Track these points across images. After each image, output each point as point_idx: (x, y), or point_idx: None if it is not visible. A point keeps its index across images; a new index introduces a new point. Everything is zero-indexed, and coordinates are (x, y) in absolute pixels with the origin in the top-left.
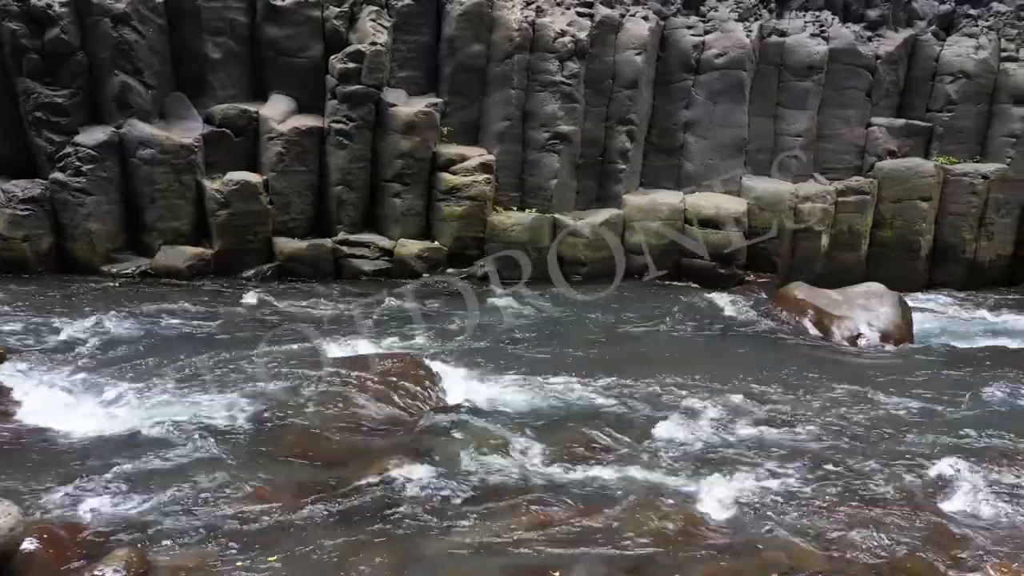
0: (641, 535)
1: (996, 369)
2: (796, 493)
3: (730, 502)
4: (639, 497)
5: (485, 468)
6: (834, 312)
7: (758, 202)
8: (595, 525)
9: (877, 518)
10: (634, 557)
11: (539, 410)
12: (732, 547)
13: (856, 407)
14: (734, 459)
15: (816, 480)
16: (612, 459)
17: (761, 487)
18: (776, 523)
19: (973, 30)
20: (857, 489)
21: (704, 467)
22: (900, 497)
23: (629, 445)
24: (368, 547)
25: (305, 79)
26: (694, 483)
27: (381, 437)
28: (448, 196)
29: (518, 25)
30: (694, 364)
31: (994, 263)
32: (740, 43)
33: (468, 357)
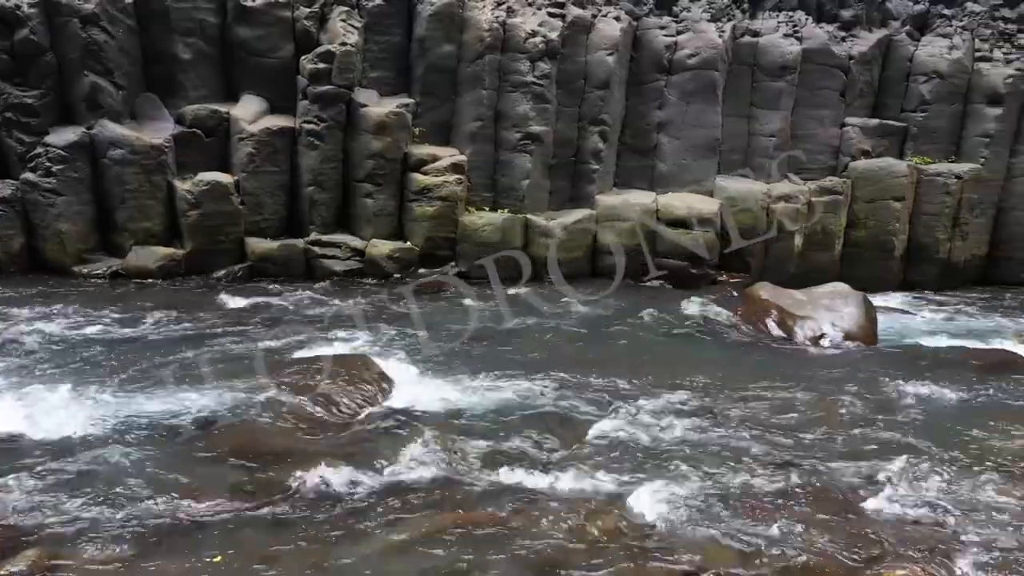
0: (560, 536)
1: (954, 370)
2: (725, 493)
3: (656, 502)
4: (565, 497)
5: (418, 469)
6: (797, 312)
7: (731, 202)
8: (516, 526)
9: (802, 518)
10: (548, 558)
11: (485, 411)
12: (648, 547)
13: (804, 407)
14: (669, 459)
15: (748, 480)
16: (547, 460)
17: (691, 487)
18: (698, 523)
19: (947, 30)
20: (787, 489)
21: (637, 467)
22: (829, 497)
23: (567, 446)
24: (290, 547)
25: (276, 80)
26: (624, 483)
27: (319, 438)
28: (420, 196)
29: (488, 25)
30: (649, 365)
31: (969, 263)
32: (712, 43)
33: (426, 358)
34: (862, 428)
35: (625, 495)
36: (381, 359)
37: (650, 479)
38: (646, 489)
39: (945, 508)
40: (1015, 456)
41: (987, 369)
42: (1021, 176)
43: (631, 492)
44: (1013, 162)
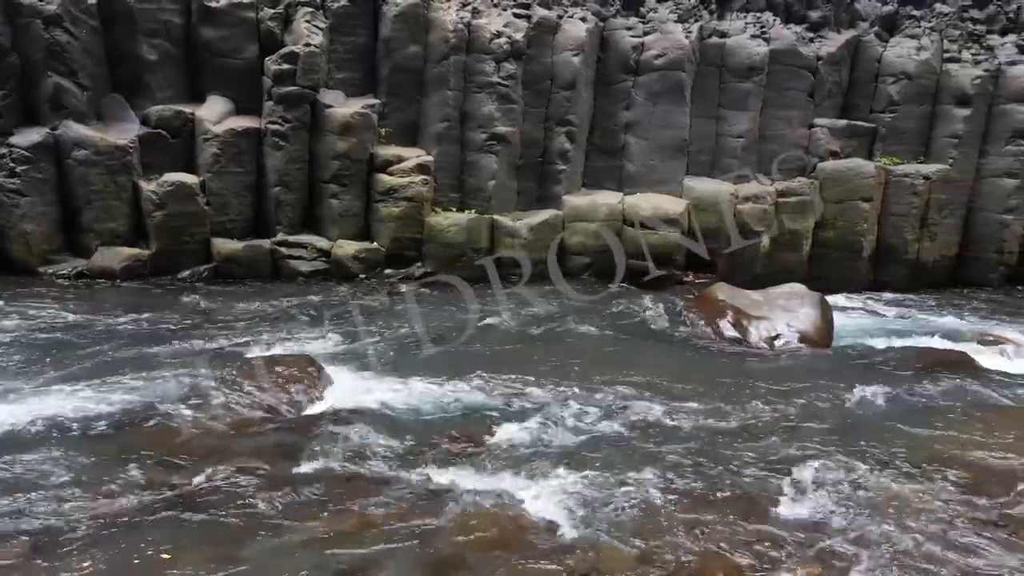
0: (460, 534)
1: (898, 371)
2: (637, 494)
3: (561, 502)
4: (472, 496)
5: (332, 467)
6: (753, 313)
7: (698, 203)
8: (419, 524)
9: (707, 521)
10: (444, 557)
11: (419, 411)
12: (544, 547)
13: (740, 408)
14: (584, 459)
15: (663, 481)
16: (467, 460)
17: (600, 487)
18: (601, 524)
19: (916, 31)
20: (700, 491)
21: (551, 467)
22: (739, 500)
23: (492, 446)
24: (189, 546)
25: (242, 80)
26: (534, 483)
27: (243, 437)
28: (385, 197)
29: (453, 26)
30: (593, 365)
31: (938, 264)
32: (679, 44)
33: (373, 359)
34: (789, 430)
35: (533, 494)
36: (327, 359)
37: (561, 479)
38: (555, 489)
39: (852, 511)
40: (932, 458)
41: (932, 370)
42: (990, 177)
43: (540, 491)
44: (982, 163)
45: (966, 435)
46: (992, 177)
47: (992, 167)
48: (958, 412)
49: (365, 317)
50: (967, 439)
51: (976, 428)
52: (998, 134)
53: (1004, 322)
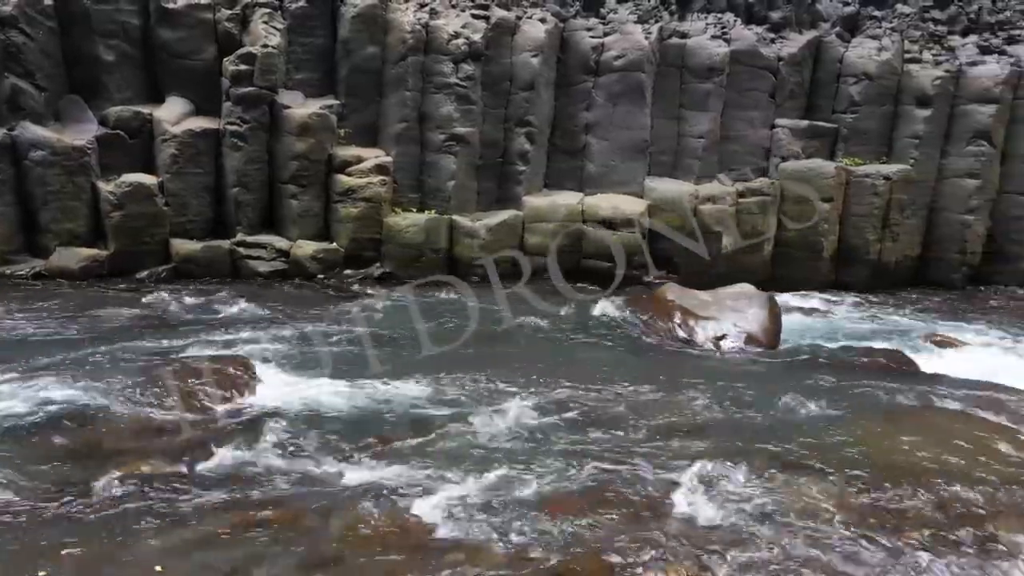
0: (346, 534)
1: (836, 372)
2: (531, 494)
3: (450, 501)
4: (366, 496)
5: (239, 468)
6: (701, 314)
7: (659, 203)
8: (306, 524)
9: (594, 520)
10: (322, 556)
11: (347, 412)
12: (420, 546)
13: (665, 408)
14: (496, 459)
15: (562, 480)
16: (369, 459)
17: (495, 486)
18: (481, 523)
19: (877, 32)
20: (595, 490)
21: (460, 466)
22: (633, 499)
23: (405, 446)
24: (75, 546)
25: (200, 81)
26: (439, 482)
27: (156, 437)
28: (344, 197)
29: (411, 27)
30: (536, 366)
31: (900, 264)
32: (638, 45)
33: (313, 359)
34: (706, 430)
35: (429, 494)
36: (264, 360)
37: (461, 478)
38: (452, 488)
39: (744, 511)
40: (839, 459)
41: (868, 371)
42: (952, 177)
43: (438, 491)
44: (944, 163)
45: (881, 436)
46: (954, 177)
47: (954, 167)
48: (880, 413)
49: (314, 317)
50: (881, 440)
51: (893, 429)
52: (959, 134)
53: (959, 322)
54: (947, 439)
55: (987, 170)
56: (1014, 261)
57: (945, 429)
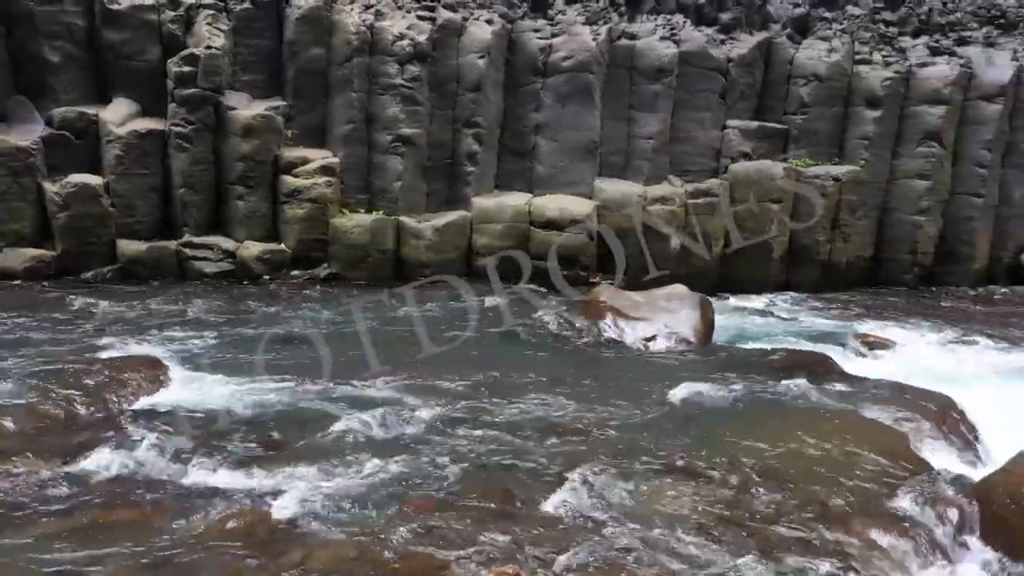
0: (191, 534)
1: (754, 372)
2: (397, 492)
3: (317, 501)
4: (233, 497)
5: (111, 468)
6: (632, 315)
7: (607, 204)
8: (157, 524)
9: (449, 519)
10: (163, 557)
11: (245, 413)
12: (267, 545)
13: (567, 409)
14: (374, 458)
15: (433, 480)
16: (254, 460)
17: (368, 486)
18: (336, 522)
19: (827, 33)
20: (464, 490)
21: (332, 465)
22: (503, 499)
23: (288, 447)
24: None
25: (147, 82)
26: (306, 482)
27: (40, 436)
28: (290, 198)
29: (355, 29)
30: (451, 366)
31: (852, 264)
32: (586, 46)
33: (230, 360)
34: (599, 430)
35: (292, 494)
36: (179, 360)
37: (326, 479)
38: (315, 488)
39: (605, 512)
40: (721, 461)
41: (786, 371)
42: (903, 178)
43: (300, 491)
44: (895, 164)
45: (768, 436)
46: (904, 178)
47: (904, 168)
48: (776, 414)
49: (248, 318)
50: (766, 440)
51: (782, 430)
52: (910, 136)
53: (901, 323)
54: (831, 440)
55: (937, 171)
56: (966, 262)
57: (833, 430)
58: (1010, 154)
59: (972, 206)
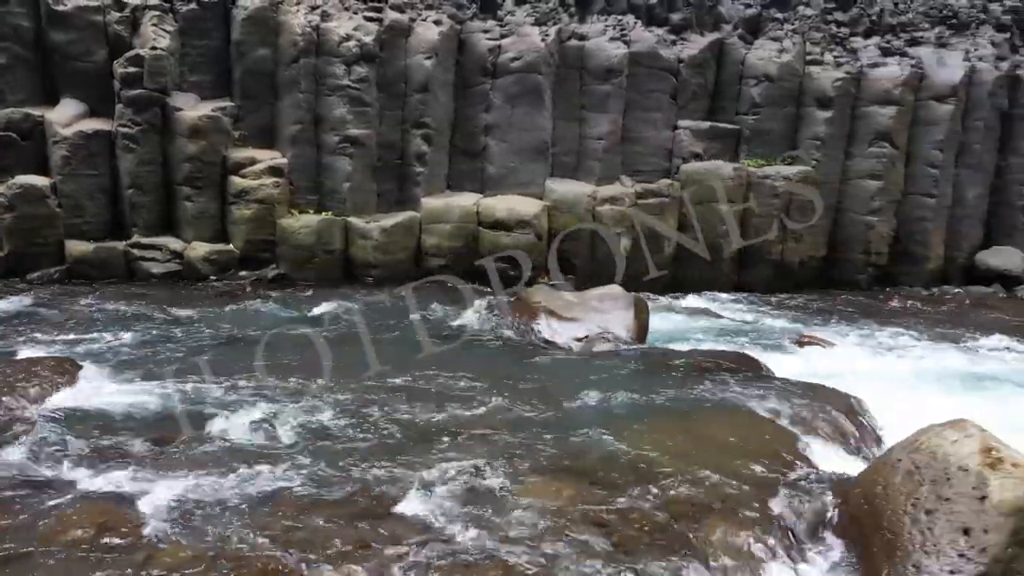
0: (39, 533)
1: (677, 373)
2: (264, 493)
3: (182, 503)
4: (88, 497)
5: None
6: (565, 315)
7: (557, 204)
8: (22, 524)
9: (307, 521)
10: (12, 556)
11: (147, 414)
12: (113, 545)
13: (468, 409)
14: (254, 459)
15: (311, 482)
16: (128, 461)
17: (237, 487)
18: (197, 524)
19: (778, 34)
20: (332, 492)
21: (209, 466)
22: (360, 499)
23: (175, 448)
24: None
25: (94, 83)
26: (176, 481)
27: None
28: (238, 199)
29: (301, 30)
30: (367, 367)
31: (806, 264)
32: (535, 47)
33: (152, 360)
34: (492, 430)
35: (159, 494)
36: (96, 360)
37: (196, 479)
38: (184, 488)
39: (465, 513)
40: (601, 461)
41: (706, 372)
42: (855, 178)
43: (167, 491)
44: (848, 164)
45: (663, 437)
46: (856, 179)
47: (856, 168)
48: (681, 414)
49: (182, 319)
50: (660, 441)
51: (681, 430)
52: (861, 136)
53: (843, 323)
54: (721, 440)
55: (889, 171)
56: (920, 262)
57: (727, 431)
58: (963, 154)
59: (925, 206)
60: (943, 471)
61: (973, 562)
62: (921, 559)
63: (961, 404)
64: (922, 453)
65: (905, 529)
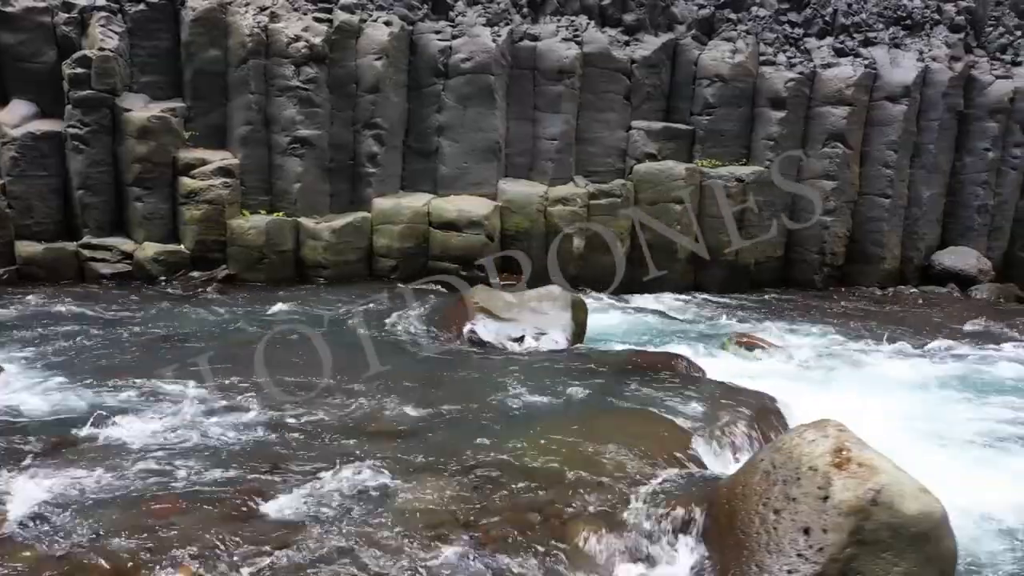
0: None
1: (598, 374)
2: (140, 492)
3: (45, 504)
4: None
5: None
6: (503, 315)
7: (509, 204)
8: None
9: (175, 521)
10: None
11: (57, 415)
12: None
13: (393, 411)
14: (144, 459)
15: (191, 483)
16: (20, 461)
17: (117, 487)
18: (58, 525)
19: (731, 34)
20: (210, 492)
21: (88, 468)
22: (237, 501)
23: (69, 449)
24: None
25: (44, 84)
26: (47, 482)
27: None
28: (188, 200)
29: (249, 31)
30: (292, 368)
31: (762, 264)
32: (486, 48)
33: (79, 361)
34: (400, 432)
35: (25, 495)
36: (22, 362)
37: (78, 479)
38: (58, 488)
39: (337, 515)
40: (491, 462)
41: (633, 372)
42: (810, 179)
43: (38, 491)
44: (802, 164)
45: (560, 438)
46: (811, 179)
47: (811, 169)
48: (587, 415)
49: (123, 319)
50: (554, 442)
51: (579, 430)
52: (815, 136)
53: (792, 323)
54: (614, 441)
55: (843, 171)
56: (876, 262)
57: (623, 431)
58: (918, 155)
59: (880, 206)
60: (795, 471)
61: (810, 562)
62: (764, 558)
63: (879, 404)
64: (781, 453)
65: (754, 529)
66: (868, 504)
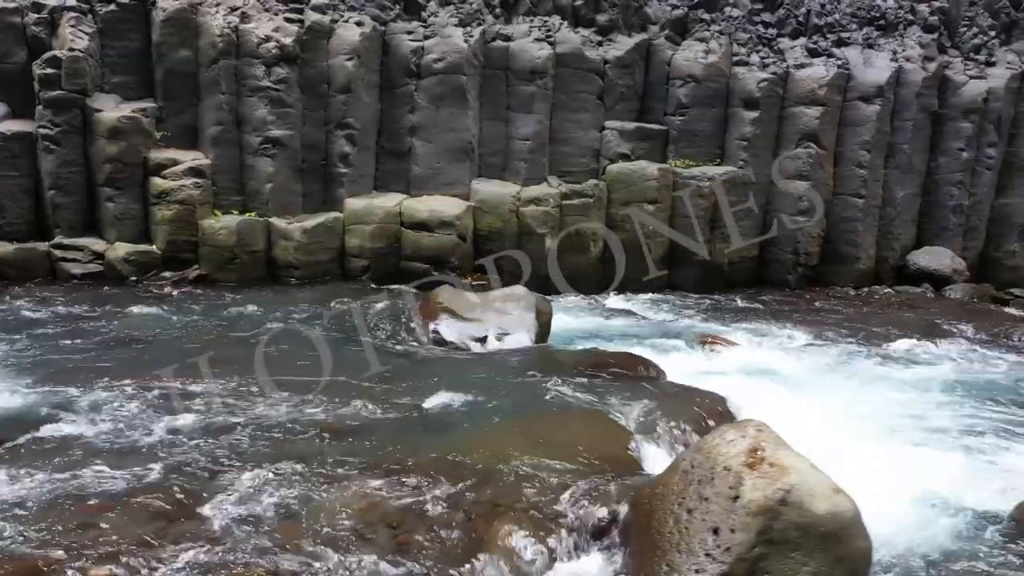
0: None
1: (567, 373)
2: (77, 497)
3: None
4: None
5: None
6: (466, 316)
7: (482, 204)
8: None
9: (101, 523)
10: None
11: (5, 415)
12: None
13: (347, 411)
14: (84, 459)
15: (129, 484)
16: None
17: (51, 490)
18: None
19: (705, 35)
20: (146, 493)
21: (25, 469)
22: (172, 502)
23: (16, 447)
24: None
25: (15, 85)
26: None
27: None
28: (159, 200)
29: (220, 31)
30: (250, 367)
31: (736, 265)
32: (458, 48)
33: (31, 363)
34: (348, 432)
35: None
36: None
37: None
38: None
39: (276, 514)
40: (428, 463)
41: (591, 372)
42: (783, 178)
43: None
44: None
45: (503, 438)
46: (785, 179)
47: (784, 169)
48: (537, 415)
49: (89, 319)
50: (496, 443)
51: (525, 431)
52: (789, 136)
53: (760, 323)
54: (555, 441)
55: (816, 172)
56: (849, 262)
57: (567, 431)
58: (892, 155)
59: (854, 207)
60: (710, 470)
61: (717, 561)
62: (674, 558)
63: (838, 404)
64: (701, 453)
65: (667, 528)
66: (777, 504)
